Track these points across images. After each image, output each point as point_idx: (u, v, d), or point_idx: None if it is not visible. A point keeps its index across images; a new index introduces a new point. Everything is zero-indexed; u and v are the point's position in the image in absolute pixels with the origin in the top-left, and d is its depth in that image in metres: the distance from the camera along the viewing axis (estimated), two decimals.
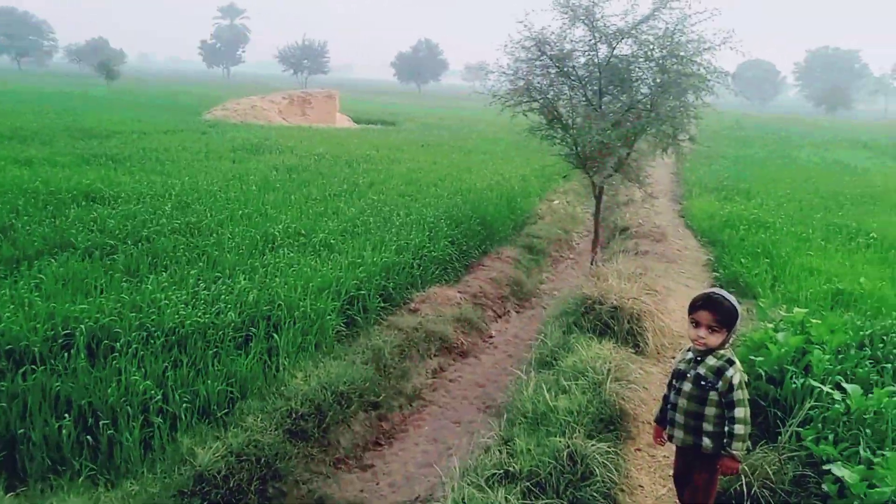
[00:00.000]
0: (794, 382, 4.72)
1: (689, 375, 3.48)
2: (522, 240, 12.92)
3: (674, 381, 3.60)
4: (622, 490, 4.16)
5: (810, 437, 4.05)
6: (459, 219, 11.68)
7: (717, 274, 10.63)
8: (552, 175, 17.96)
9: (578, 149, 10.01)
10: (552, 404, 4.74)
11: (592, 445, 4.12)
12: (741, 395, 3.34)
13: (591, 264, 10.35)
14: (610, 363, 5.24)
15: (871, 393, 4.33)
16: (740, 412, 3.32)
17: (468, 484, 3.95)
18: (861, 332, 5.71)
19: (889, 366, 5.00)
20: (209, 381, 5.60)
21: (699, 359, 3.47)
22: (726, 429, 3.37)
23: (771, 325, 5.75)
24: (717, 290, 3.51)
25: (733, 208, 15.06)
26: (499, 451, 4.36)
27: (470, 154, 23.96)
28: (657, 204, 15.98)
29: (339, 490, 5.57)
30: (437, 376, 7.80)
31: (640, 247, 11.86)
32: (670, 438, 3.60)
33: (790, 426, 4.10)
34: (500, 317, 9.87)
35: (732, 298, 3.43)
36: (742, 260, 10.66)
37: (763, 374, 5.05)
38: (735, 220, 13.72)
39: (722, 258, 11.19)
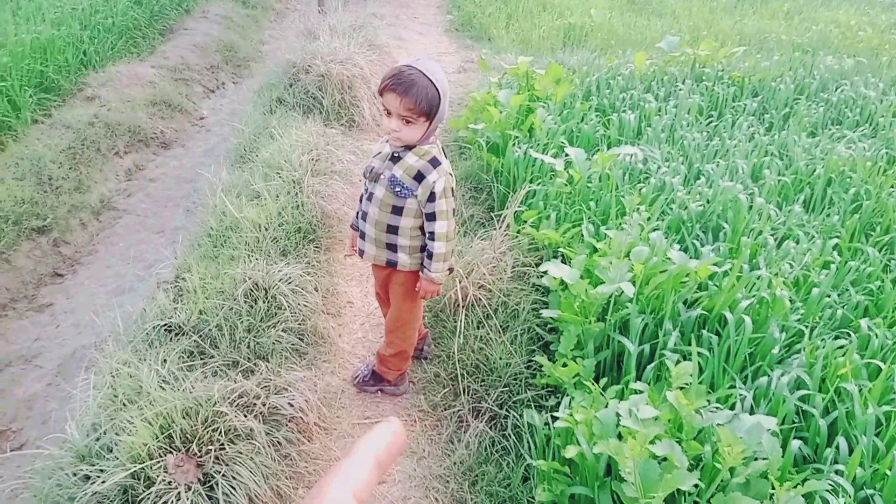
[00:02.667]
0: (517, 151, 4.10)
1: (382, 177, 2.60)
2: None
3: (366, 183, 2.73)
4: (327, 313, 3.44)
5: (531, 220, 3.50)
6: None
7: (451, 16, 9.73)
8: None
9: None
10: (239, 216, 3.76)
11: (280, 270, 3.25)
12: (444, 205, 2.55)
13: (319, 10, 8.94)
14: (312, 151, 4.27)
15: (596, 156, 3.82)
16: (442, 227, 2.56)
17: (120, 349, 3.00)
18: (587, 78, 5.18)
19: (616, 117, 4.51)
20: None
21: (397, 155, 2.58)
22: (427, 243, 2.63)
23: (495, 81, 5.01)
24: (412, 62, 2.45)
25: None
26: (167, 291, 3.39)
27: None
28: None
29: (7, 343, 4.45)
30: (133, 177, 6.44)
31: None
32: (361, 254, 2.80)
33: (507, 210, 3.49)
34: (212, 92, 8.39)
35: (435, 71, 2.44)
36: None
37: (485, 143, 4.38)
38: None
39: None
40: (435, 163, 2.53)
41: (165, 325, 3.08)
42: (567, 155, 3.96)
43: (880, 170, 4.11)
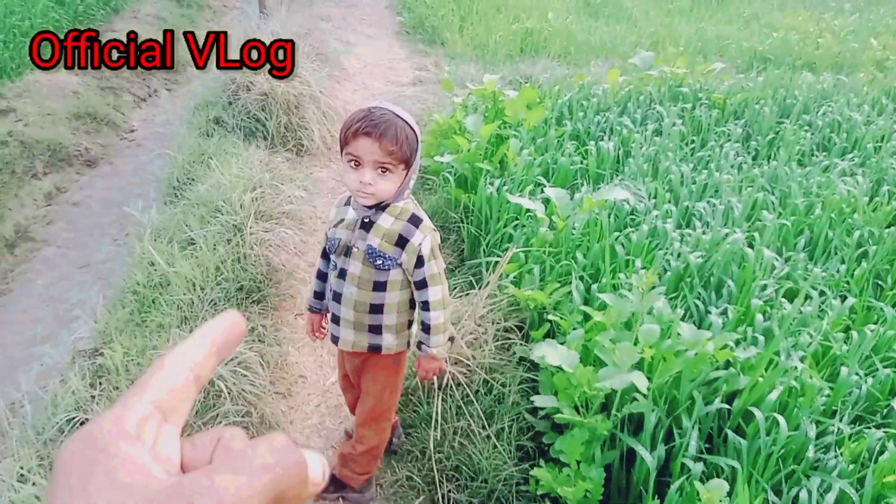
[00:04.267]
0: (490, 187, 3.64)
1: (355, 250, 2.11)
2: None
3: (332, 257, 2.21)
4: (276, 393, 2.94)
5: (511, 276, 3.06)
6: None
7: (402, 18, 9.23)
8: None
9: None
10: (169, 271, 3.21)
11: None
12: (435, 267, 2.11)
13: (261, 12, 8.31)
14: (256, 189, 3.74)
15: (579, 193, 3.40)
16: (437, 293, 2.13)
17: (25, 451, 2.45)
18: (559, 100, 4.76)
19: (594, 145, 4.08)
20: None
21: (368, 220, 2.09)
22: (420, 315, 2.18)
23: (459, 102, 4.54)
24: (378, 103, 2.01)
25: None
26: (83, 369, 2.84)
27: None
28: None
29: None
30: (53, 202, 5.78)
31: None
32: (335, 341, 2.29)
33: (488, 266, 3.03)
34: (143, 101, 7.72)
35: (405, 113, 2.00)
36: (427, 0, 9.32)
37: (452, 176, 3.92)
38: None
39: None
40: (416, 221, 2.08)
41: (81, 421, 2.54)
42: (543, 192, 3.54)
43: (882, 209, 3.76)
